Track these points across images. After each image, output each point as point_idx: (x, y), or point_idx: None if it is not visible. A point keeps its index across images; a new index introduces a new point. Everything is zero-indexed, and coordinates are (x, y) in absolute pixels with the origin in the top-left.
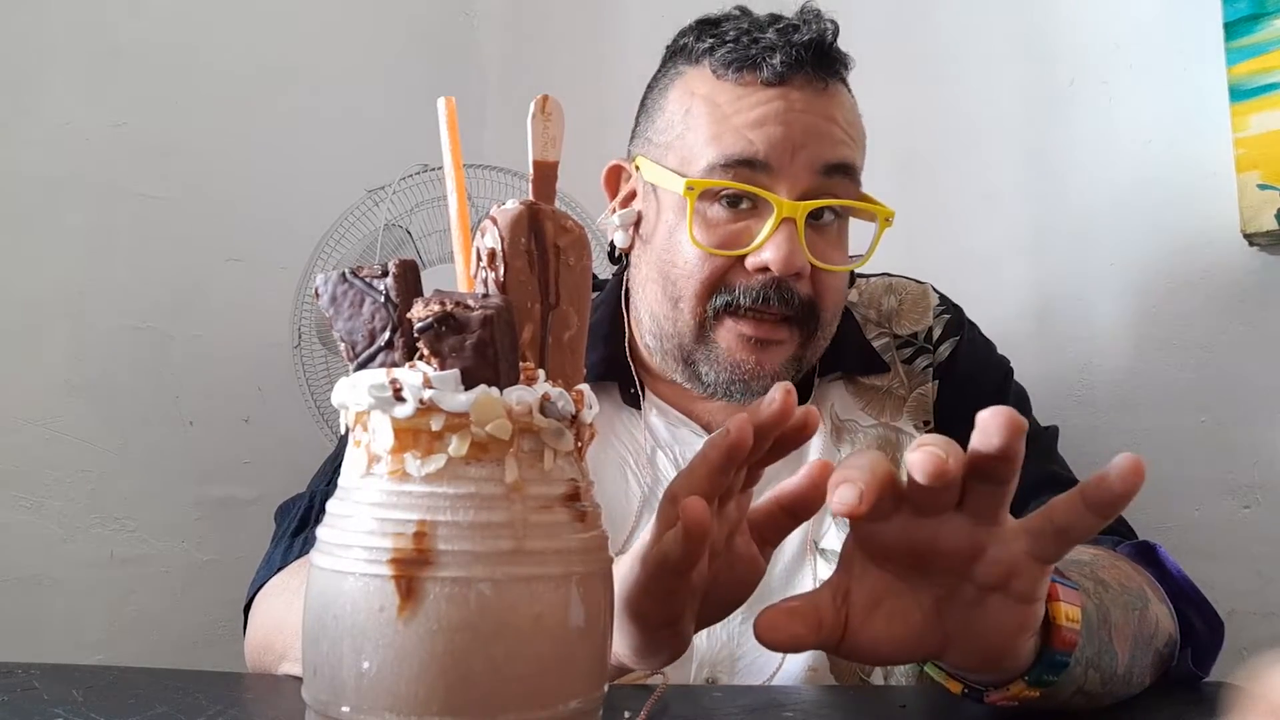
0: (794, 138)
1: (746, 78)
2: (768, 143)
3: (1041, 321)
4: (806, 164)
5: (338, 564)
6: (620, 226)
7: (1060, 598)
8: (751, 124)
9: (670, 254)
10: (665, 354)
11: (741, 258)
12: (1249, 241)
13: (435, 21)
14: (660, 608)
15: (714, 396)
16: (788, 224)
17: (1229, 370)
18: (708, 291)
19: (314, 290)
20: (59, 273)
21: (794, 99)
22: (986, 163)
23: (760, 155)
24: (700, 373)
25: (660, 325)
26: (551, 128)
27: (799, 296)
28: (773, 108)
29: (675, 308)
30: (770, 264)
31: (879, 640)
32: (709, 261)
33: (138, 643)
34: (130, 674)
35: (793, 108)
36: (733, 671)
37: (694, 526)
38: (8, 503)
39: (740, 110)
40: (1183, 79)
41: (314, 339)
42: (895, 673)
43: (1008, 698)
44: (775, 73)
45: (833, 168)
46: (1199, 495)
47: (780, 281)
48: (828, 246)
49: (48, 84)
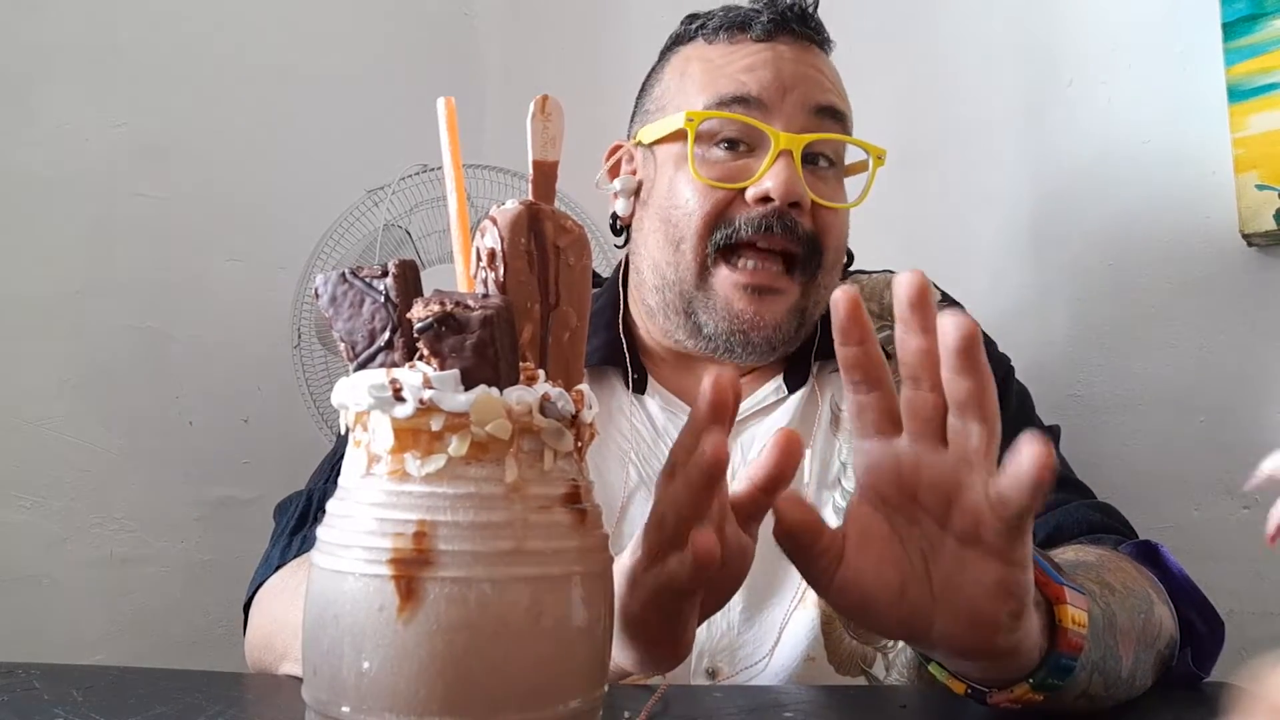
0: (784, 80)
1: (737, 36)
2: (759, 83)
3: (1041, 321)
4: (798, 103)
5: (338, 564)
6: (621, 193)
7: (1068, 600)
8: (744, 69)
9: (672, 198)
10: (667, 307)
11: (742, 191)
12: (1248, 241)
13: (435, 21)
14: (663, 623)
15: (716, 353)
16: (785, 155)
17: (1229, 370)
18: (709, 227)
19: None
20: (59, 273)
21: (782, 50)
22: (986, 163)
23: (753, 93)
24: (700, 324)
25: (663, 274)
26: (551, 128)
27: (803, 229)
28: (763, 57)
29: (677, 250)
30: (771, 192)
31: (867, 580)
32: (710, 196)
33: (138, 643)
34: (130, 674)
35: (782, 57)
36: (733, 661)
37: (706, 558)
38: (8, 503)
39: (733, 60)
40: (1182, 79)
41: (314, 339)
42: (896, 664)
43: (1011, 700)
44: (764, 29)
45: (823, 109)
46: (1199, 495)
47: (782, 212)
48: (826, 189)
49: (48, 84)
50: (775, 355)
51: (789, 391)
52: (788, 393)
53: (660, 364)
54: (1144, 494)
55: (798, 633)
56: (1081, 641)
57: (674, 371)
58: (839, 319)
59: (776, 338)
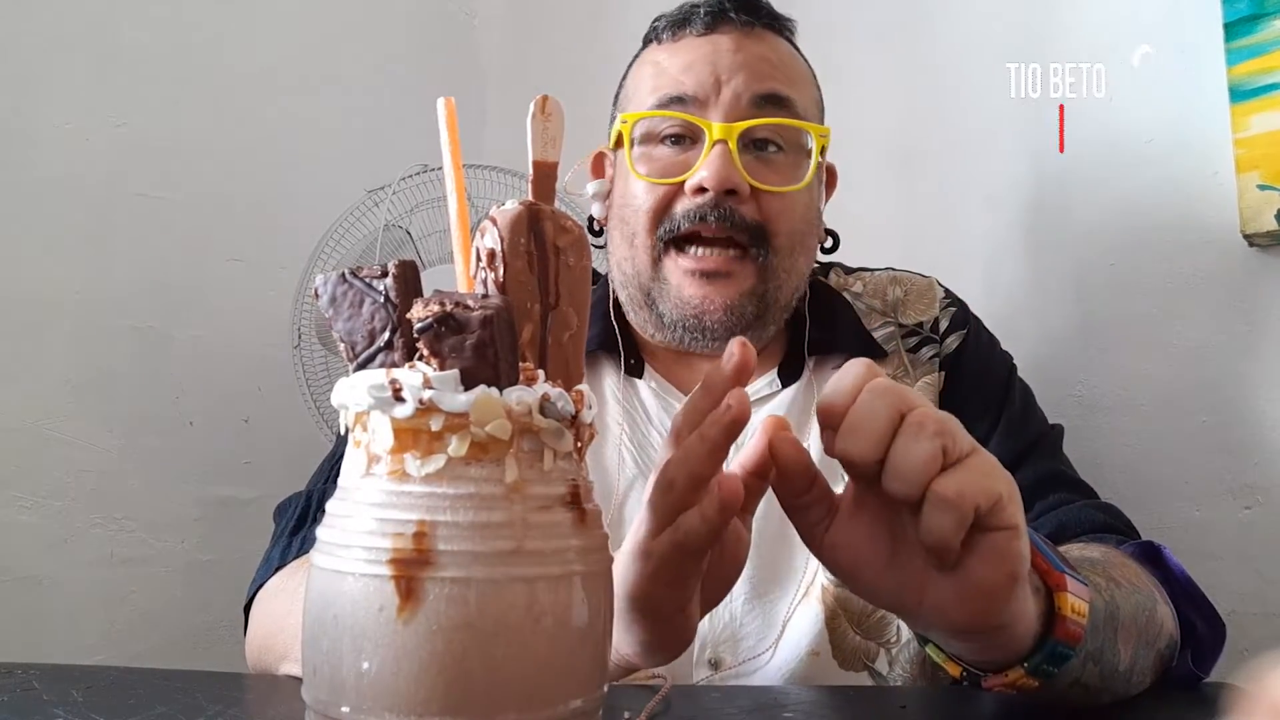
0: (721, 71)
1: (680, 34)
2: (696, 80)
3: (1041, 321)
4: (735, 95)
5: (338, 564)
6: (595, 197)
7: (1069, 589)
8: (682, 67)
9: (625, 197)
10: (633, 303)
11: (682, 185)
12: (1249, 242)
13: (435, 21)
14: (672, 593)
15: (678, 342)
16: (720, 145)
17: (1229, 370)
18: (655, 221)
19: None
20: (59, 273)
21: (720, 43)
22: (986, 162)
23: (689, 91)
24: (661, 313)
25: (624, 270)
26: (551, 128)
27: (741, 216)
28: (701, 52)
29: (631, 246)
30: (704, 181)
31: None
32: (652, 191)
33: (138, 643)
34: (130, 674)
35: (719, 49)
36: (736, 651)
37: (732, 498)
38: (8, 503)
39: (674, 61)
40: (1183, 79)
41: (314, 339)
42: (899, 660)
43: (1005, 684)
44: (703, 23)
45: (764, 97)
46: (1199, 495)
47: (718, 201)
48: (772, 173)
49: (48, 84)
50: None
51: (783, 385)
52: (781, 386)
53: (655, 355)
54: (1144, 494)
55: (802, 627)
56: (1080, 631)
57: (668, 362)
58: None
59: (731, 320)
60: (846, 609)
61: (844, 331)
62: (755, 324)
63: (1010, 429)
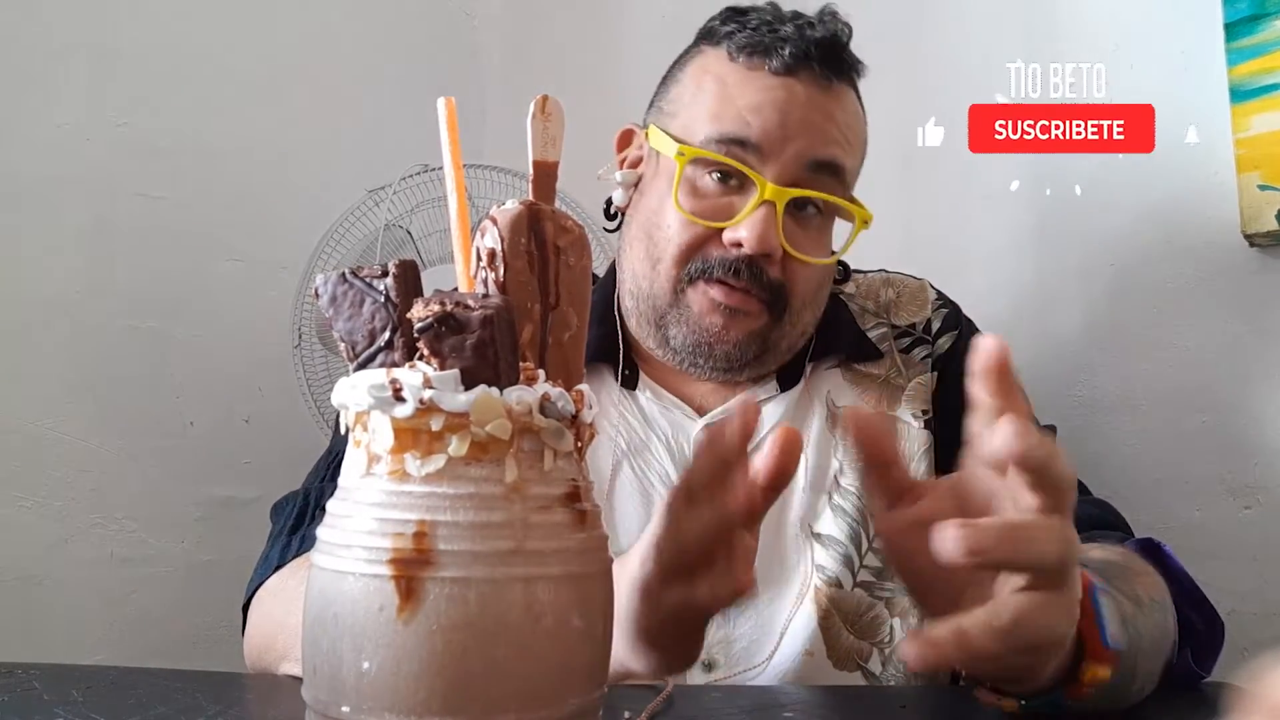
0: (789, 127)
1: (756, 63)
2: (763, 127)
3: (1041, 321)
4: (796, 155)
5: (338, 564)
6: (622, 185)
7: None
8: (752, 107)
9: (657, 216)
10: (640, 315)
11: (720, 231)
12: (1249, 242)
13: (435, 21)
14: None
15: (681, 365)
16: (767, 206)
17: (1229, 370)
18: (684, 258)
19: (314, 290)
20: (59, 273)
21: (796, 91)
22: (986, 163)
23: (754, 138)
24: (669, 335)
25: (639, 284)
26: (551, 128)
27: (768, 277)
28: (774, 95)
29: (654, 269)
30: (744, 240)
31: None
32: (689, 229)
33: (138, 643)
34: (130, 674)
35: (794, 99)
36: (730, 653)
37: (747, 593)
38: (8, 503)
39: (745, 93)
40: (1183, 79)
41: (314, 339)
42: (892, 660)
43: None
44: (784, 63)
45: (821, 164)
46: (1199, 495)
47: (752, 260)
48: (805, 238)
49: (48, 84)
50: (739, 375)
51: (781, 390)
52: (780, 391)
53: (650, 360)
54: (1145, 494)
55: (796, 628)
56: (1090, 694)
57: (664, 368)
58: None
59: (735, 354)
60: (840, 609)
61: (840, 333)
62: (754, 363)
63: None
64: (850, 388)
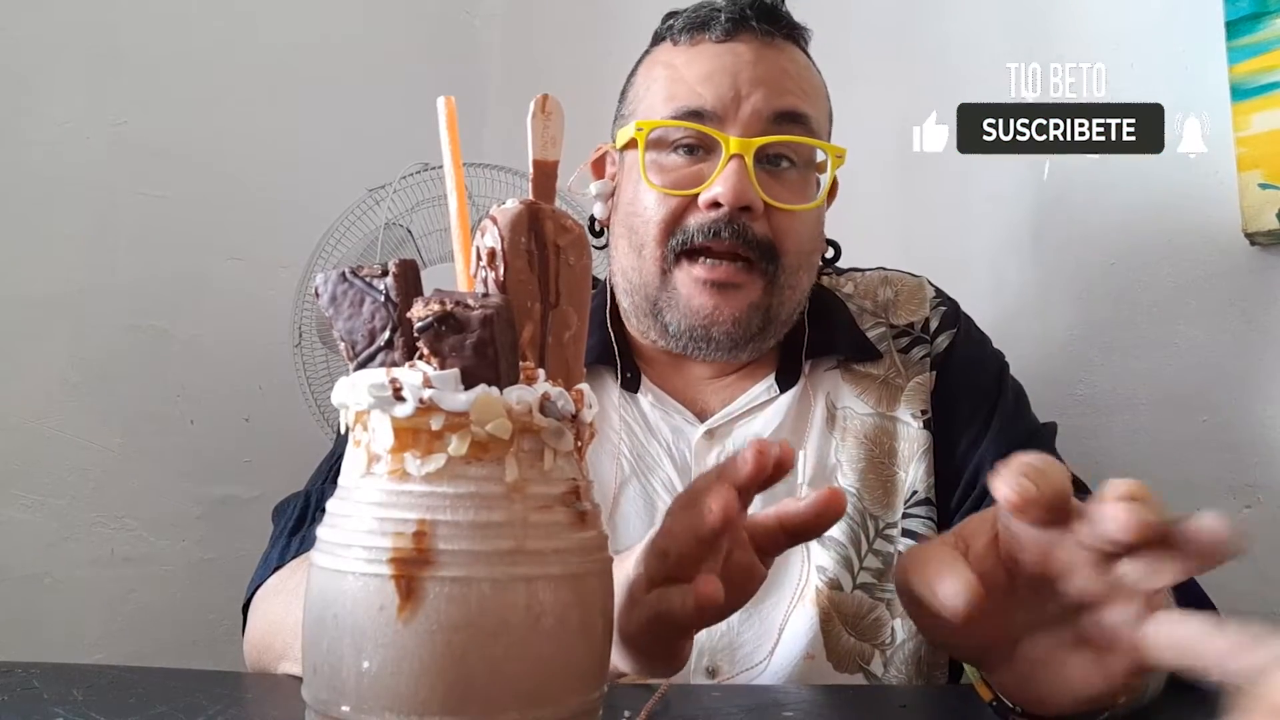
0: (741, 85)
1: (698, 38)
2: (716, 93)
3: (1041, 321)
4: (754, 111)
5: (338, 563)
6: (598, 197)
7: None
8: (701, 77)
9: (633, 205)
10: (637, 310)
11: (695, 197)
12: (1250, 241)
13: (435, 21)
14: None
15: (682, 349)
16: (736, 159)
17: (1229, 370)
18: (665, 233)
19: (314, 289)
20: (59, 273)
21: (741, 52)
22: (986, 163)
23: (709, 105)
24: (666, 322)
25: (629, 279)
26: (551, 127)
27: (753, 233)
28: (721, 61)
29: (640, 256)
30: (719, 197)
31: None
32: (665, 203)
33: (138, 642)
34: (130, 674)
35: (740, 59)
36: (733, 660)
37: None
38: (8, 502)
39: (692, 68)
40: (1183, 79)
41: (314, 338)
42: (894, 662)
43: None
44: (723, 29)
45: (782, 114)
46: (1199, 495)
47: (732, 216)
48: (784, 189)
49: (48, 84)
50: (742, 353)
51: (780, 391)
52: (779, 392)
53: (651, 363)
54: None
55: (797, 631)
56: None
57: (665, 370)
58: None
59: (737, 333)
60: (840, 611)
61: (838, 333)
62: (758, 337)
63: (1003, 426)
64: (849, 388)
